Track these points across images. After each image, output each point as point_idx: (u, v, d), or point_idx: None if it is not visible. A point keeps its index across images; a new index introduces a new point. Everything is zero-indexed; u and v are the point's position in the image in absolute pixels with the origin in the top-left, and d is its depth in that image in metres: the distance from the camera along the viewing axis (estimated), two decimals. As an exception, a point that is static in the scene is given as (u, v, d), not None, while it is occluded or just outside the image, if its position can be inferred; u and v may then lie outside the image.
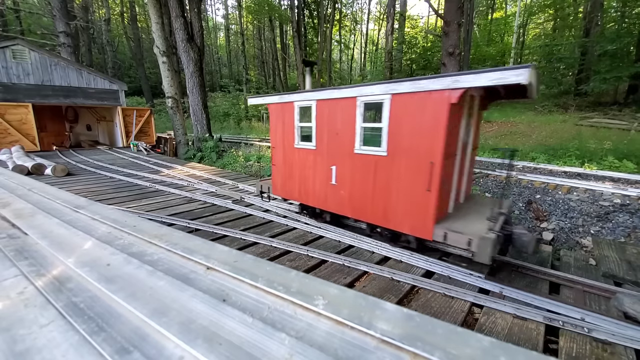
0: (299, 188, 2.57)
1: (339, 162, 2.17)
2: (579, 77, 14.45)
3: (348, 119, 2.05)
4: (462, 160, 2.03)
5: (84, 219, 1.08)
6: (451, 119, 1.65)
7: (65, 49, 11.75)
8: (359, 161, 2.03)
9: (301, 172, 2.52)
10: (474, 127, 2.06)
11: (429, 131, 1.67)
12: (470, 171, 2.22)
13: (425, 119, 1.68)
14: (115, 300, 0.60)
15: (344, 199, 2.21)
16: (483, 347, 0.41)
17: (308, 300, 0.55)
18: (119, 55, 26.82)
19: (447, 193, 1.92)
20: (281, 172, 2.72)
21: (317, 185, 2.38)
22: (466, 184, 2.17)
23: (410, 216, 1.82)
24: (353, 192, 2.14)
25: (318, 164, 2.33)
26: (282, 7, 28.68)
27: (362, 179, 2.04)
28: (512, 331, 1.34)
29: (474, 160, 2.27)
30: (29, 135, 8.69)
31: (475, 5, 19.13)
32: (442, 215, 1.85)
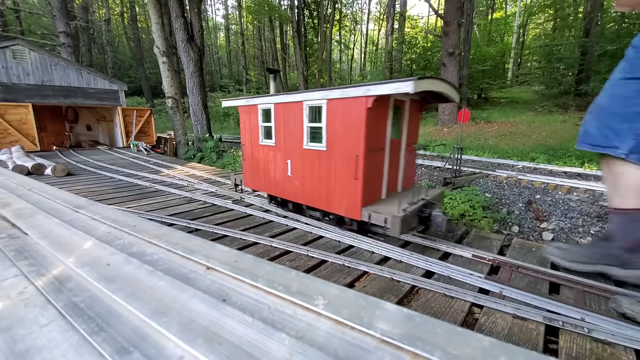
0: (264, 180, 2.96)
1: (293, 156, 2.56)
2: (579, 77, 14.44)
3: (298, 120, 2.42)
4: (395, 155, 2.39)
5: (84, 219, 1.08)
6: (371, 120, 2.00)
7: (65, 49, 11.76)
8: (307, 155, 2.42)
9: (265, 166, 2.91)
10: (407, 126, 2.42)
11: (353, 130, 2.05)
12: (408, 164, 2.57)
13: (350, 120, 2.05)
14: (115, 300, 0.60)
15: (297, 188, 2.61)
16: (483, 347, 0.41)
17: (308, 300, 0.55)
18: (119, 55, 26.83)
19: (377, 181, 2.28)
20: (250, 166, 3.12)
21: (277, 177, 2.79)
22: (404, 175, 2.52)
23: (344, 200, 2.22)
24: (304, 182, 2.53)
25: (277, 158, 2.73)
26: (282, 7, 28.68)
27: (310, 170, 2.44)
28: (512, 331, 1.34)
29: (413, 155, 2.62)
30: (29, 135, 8.69)
31: (475, 5, 19.14)
32: (372, 200, 2.23)
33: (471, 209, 4.11)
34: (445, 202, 4.31)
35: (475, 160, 6.59)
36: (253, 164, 3.06)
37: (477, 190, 4.51)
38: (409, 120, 2.43)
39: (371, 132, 2.05)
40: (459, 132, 9.15)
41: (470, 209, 4.10)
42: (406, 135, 2.45)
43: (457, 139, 8.09)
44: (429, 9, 28.21)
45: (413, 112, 2.48)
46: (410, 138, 2.49)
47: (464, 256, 2.06)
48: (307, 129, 2.38)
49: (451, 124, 12.00)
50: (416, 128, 2.55)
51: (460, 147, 5.10)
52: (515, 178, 5.01)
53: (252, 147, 3.00)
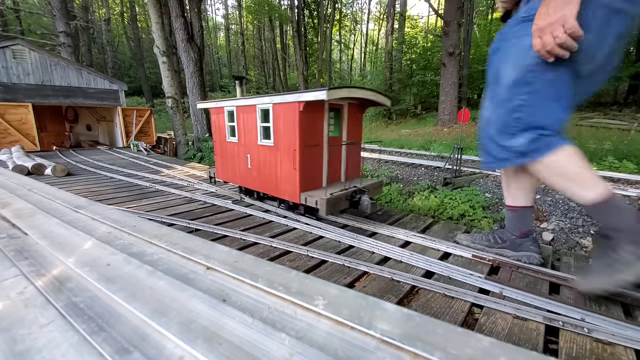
0: (232, 172, 3.37)
1: (251, 151, 2.98)
2: (579, 77, 14.39)
3: (253, 120, 2.83)
4: (336, 151, 2.82)
5: (84, 219, 1.08)
6: (305, 121, 2.41)
7: (65, 48, 11.76)
8: (261, 150, 2.85)
9: (231, 160, 3.31)
10: (347, 126, 2.85)
11: (291, 129, 2.45)
12: (351, 159, 2.99)
13: (288, 120, 2.46)
14: (115, 300, 0.60)
15: (256, 178, 3.04)
16: (483, 347, 0.41)
17: (308, 300, 0.55)
18: (119, 55, 26.82)
19: (316, 171, 2.68)
20: (220, 160, 3.52)
21: (241, 169, 3.20)
22: (347, 167, 2.96)
23: (288, 187, 2.64)
24: (260, 173, 2.95)
25: (240, 153, 3.15)
26: (282, 7, 28.67)
27: (263, 162, 2.87)
28: (512, 331, 1.34)
29: (356, 151, 3.04)
30: (29, 135, 8.69)
31: (475, 5, 19.12)
32: (312, 187, 2.63)
33: (471, 209, 4.11)
34: (446, 202, 4.31)
35: (475, 160, 6.59)
36: (222, 159, 3.49)
37: (477, 190, 4.51)
38: (349, 121, 2.86)
39: (306, 131, 2.46)
40: (459, 132, 9.14)
41: (470, 209, 4.10)
42: (346, 133, 2.88)
43: (457, 139, 8.09)
44: (429, 9, 28.20)
45: (352, 113, 2.89)
46: (352, 136, 2.93)
47: (464, 256, 2.06)
48: (260, 127, 2.79)
49: (451, 124, 11.99)
50: (357, 127, 2.97)
51: (460, 147, 5.10)
52: (515, 178, 5.01)
53: (221, 143, 3.42)
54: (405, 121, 16.38)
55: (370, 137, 10.98)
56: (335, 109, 2.71)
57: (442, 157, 7.07)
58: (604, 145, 6.92)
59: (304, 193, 2.53)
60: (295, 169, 2.49)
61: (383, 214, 3.05)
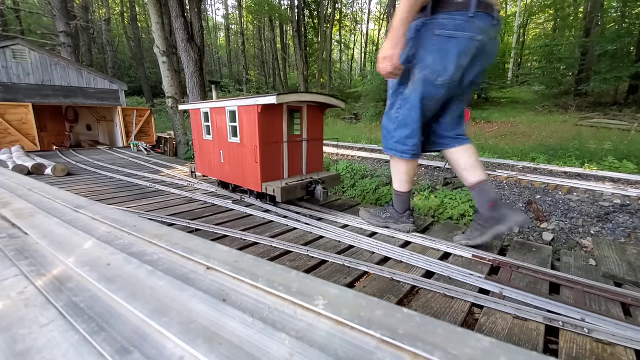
0: (208, 167, 3.77)
1: (223, 147, 3.35)
2: (579, 77, 14.42)
3: (223, 120, 3.18)
4: (296, 147, 3.16)
5: (84, 219, 1.08)
6: (264, 121, 2.77)
7: (65, 48, 11.75)
8: (231, 146, 3.21)
9: (208, 156, 3.70)
10: (307, 125, 3.18)
11: (252, 128, 2.82)
12: (312, 154, 3.34)
13: (250, 121, 2.82)
14: (115, 300, 0.60)
15: (227, 172, 3.41)
16: (483, 347, 0.41)
17: (308, 300, 0.55)
18: (119, 55, 26.81)
19: (277, 165, 3.02)
20: (199, 156, 3.92)
21: (216, 164, 3.58)
22: (308, 161, 3.32)
23: (252, 178, 3.02)
24: (230, 166, 3.32)
25: (215, 149, 3.51)
26: (282, 7, 28.66)
27: (233, 157, 3.24)
28: (512, 331, 1.34)
29: (317, 147, 3.41)
30: (29, 135, 8.68)
31: (475, 5, 19.08)
32: (272, 178, 2.98)
33: (471, 209, 4.11)
34: (445, 202, 4.31)
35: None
36: (200, 155, 3.88)
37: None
38: (308, 121, 3.19)
39: (265, 130, 2.81)
40: (459, 132, 9.13)
41: (470, 208, 4.10)
42: (307, 132, 3.22)
43: (457, 139, 8.07)
44: (429, 9, 28.11)
45: (312, 114, 3.22)
46: (312, 134, 3.27)
47: (464, 256, 2.06)
48: (229, 127, 3.13)
49: (451, 123, 11.98)
50: (317, 126, 3.32)
51: None
52: (515, 178, 5.01)
53: (199, 141, 3.81)
54: (405, 121, 16.37)
55: (370, 138, 10.97)
56: (295, 110, 3.07)
57: (442, 157, 7.07)
58: (604, 145, 6.93)
59: (264, 183, 2.91)
60: (257, 162, 2.88)
61: (383, 214, 3.05)
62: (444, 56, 1.68)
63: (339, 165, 6.40)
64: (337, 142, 9.16)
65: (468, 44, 1.63)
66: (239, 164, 3.16)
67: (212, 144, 3.55)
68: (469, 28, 1.60)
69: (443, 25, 1.62)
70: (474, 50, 1.66)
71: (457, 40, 1.63)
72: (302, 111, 3.11)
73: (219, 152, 3.42)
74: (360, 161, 7.29)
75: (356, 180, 5.68)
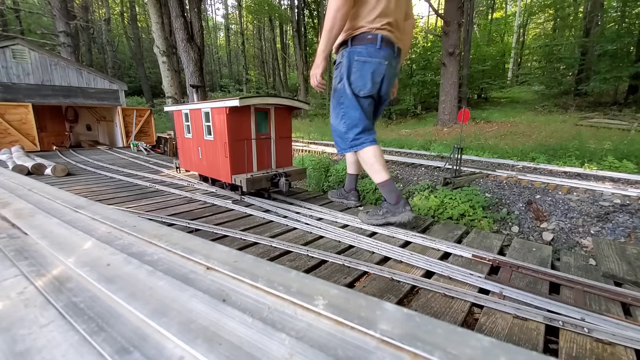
0: (190, 162, 4.22)
1: (200, 145, 3.73)
2: (579, 77, 14.43)
3: (200, 120, 3.55)
4: (264, 144, 3.52)
5: (84, 219, 1.08)
6: (232, 121, 3.13)
7: (65, 48, 11.75)
8: (206, 144, 3.59)
9: (189, 152, 4.13)
10: (274, 125, 3.56)
11: (223, 127, 3.18)
12: (281, 150, 3.71)
13: (221, 121, 3.19)
14: (115, 300, 0.60)
15: (205, 166, 3.81)
16: (483, 347, 0.41)
17: (308, 300, 0.55)
18: (119, 55, 26.80)
19: (246, 159, 3.36)
20: (182, 153, 4.38)
21: (195, 160, 4.01)
22: (277, 157, 3.69)
23: (223, 171, 3.38)
24: (207, 161, 3.70)
25: (194, 146, 3.91)
26: (282, 7, 28.65)
27: (209, 153, 3.61)
28: (512, 331, 1.34)
29: (286, 144, 3.78)
30: (29, 135, 8.68)
31: (475, 5, 19.11)
32: (241, 171, 3.35)
33: (471, 209, 4.11)
34: (445, 202, 4.31)
35: (475, 160, 6.59)
36: (183, 151, 4.32)
37: (477, 190, 4.51)
38: (276, 121, 3.56)
39: (233, 128, 3.17)
40: (459, 132, 9.14)
41: (470, 209, 4.10)
42: (274, 131, 3.58)
43: (457, 139, 8.09)
44: (429, 9, 28.15)
45: (279, 115, 3.58)
46: (280, 133, 3.64)
47: (464, 256, 2.06)
48: (204, 126, 3.50)
49: (451, 124, 12.00)
50: (285, 126, 3.69)
51: (460, 147, 5.10)
52: (515, 178, 5.01)
53: (181, 139, 4.25)
54: (405, 121, 16.39)
55: (370, 137, 10.95)
56: (263, 112, 3.43)
57: (442, 157, 7.07)
58: (604, 145, 6.93)
59: (234, 175, 3.28)
60: (227, 157, 3.24)
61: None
62: (363, 75, 2.26)
63: (339, 165, 6.40)
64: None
65: (378, 66, 2.23)
66: (214, 159, 3.52)
67: (192, 142, 3.95)
68: (378, 55, 2.21)
69: (360, 53, 2.22)
70: (382, 71, 2.26)
71: (370, 64, 2.23)
72: (270, 112, 3.49)
73: (198, 149, 3.82)
74: (360, 161, 7.28)
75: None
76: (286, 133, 3.72)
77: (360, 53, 2.22)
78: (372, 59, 2.21)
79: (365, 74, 2.25)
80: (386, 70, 2.26)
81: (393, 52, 2.29)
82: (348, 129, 2.45)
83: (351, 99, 2.35)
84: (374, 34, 2.17)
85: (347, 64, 2.28)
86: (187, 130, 3.97)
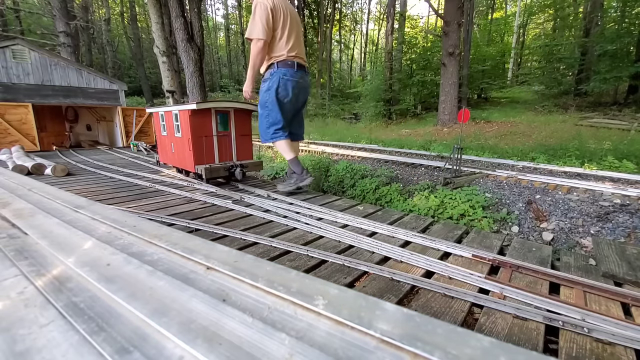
0: (166, 156, 4.97)
1: (173, 141, 4.44)
2: (579, 77, 14.43)
3: (172, 121, 4.22)
4: (225, 140, 4.17)
5: (84, 219, 1.08)
6: (195, 121, 3.77)
7: (65, 48, 11.75)
8: (177, 140, 4.26)
9: (164, 148, 4.92)
10: (235, 124, 4.23)
11: (186, 126, 3.83)
12: (241, 146, 4.37)
13: (185, 121, 3.83)
14: (115, 300, 0.60)
15: (176, 159, 4.51)
16: (483, 347, 0.41)
17: (308, 300, 0.55)
18: (119, 55, 26.80)
19: (207, 153, 3.99)
20: (160, 148, 5.23)
21: (169, 154, 4.73)
22: (237, 152, 4.33)
23: (189, 162, 4.02)
24: (178, 154, 4.41)
25: (168, 142, 4.62)
26: (282, 7, 28.52)
27: (178, 148, 4.28)
28: (512, 331, 1.34)
29: (246, 141, 4.45)
30: (29, 135, 8.68)
31: (475, 5, 19.11)
32: (204, 162, 3.95)
33: (471, 209, 4.11)
34: (445, 202, 4.31)
35: (475, 160, 6.59)
36: (161, 147, 5.13)
37: (477, 190, 4.51)
38: (236, 121, 4.22)
39: (196, 127, 3.81)
40: (459, 132, 9.14)
41: (470, 209, 4.11)
42: (235, 129, 4.24)
43: (457, 139, 8.09)
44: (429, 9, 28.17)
45: (239, 116, 4.25)
46: (240, 131, 4.30)
47: (464, 256, 2.06)
48: (175, 125, 4.14)
49: (451, 124, 11.99)
50: (245, 125, 4.36)
51: (460, 147, 5.10)
52: (515, 178, 5.01)
53: (159, 136, 5.02)
54: (405, 121, 16.38)
55: (370, 137, 10.96)
56: (224, 113, 4.06)
57: (442, 157, 7.07)
58: (603, 145, 6.93)
59: (197, 165, 3.90)
60: (190, 150, 3.88)
61: (383, 214, 3.05)
62: (286, 88, 3.18)
63: (339, 165, 6.40)
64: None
65: (296, 83, 3.22)
66: (182, 152, 4.17)
67: (166, 139, 4.66)
68: (295, 75, 3.20)
69: (285, 73, 3.15)
70: (299, 86, 3.26)
71: (291, 81, 3.18)
72: (230, 114, 4.15)
73: (171, 144, 4.52)
74: (360, 161, 7.28)
75: (356, 181, 5.68)
76: (246, 131, 4.40)
77: (285, 73, 3.15)
78: (292, 78, 3.18)
79: (288, 87, 3.19)
80: (300, 85, 3.26)
81: (304, 72, 3.30)
82: (270, 125, 3.32)
83: (275, 104, 3.22)
84: (292, 60, 3.15)
85: (276, 80, 3.15)
86: (163, 129, 4.67)
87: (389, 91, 17.63)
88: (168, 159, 4.92)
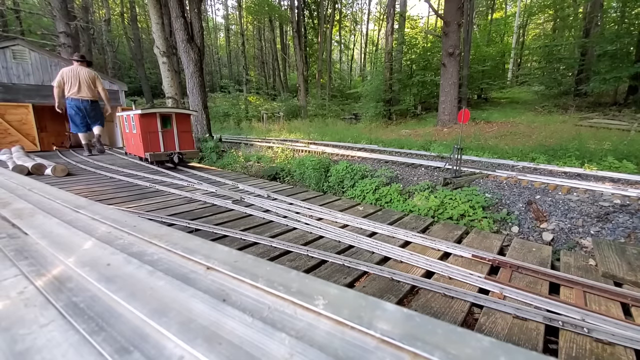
0: (130, 147, 6.75)
1: (133, 136, 6.07)
2: (579, 78, 14.43)
3: (131, 122, 5.83)
4: (168, 134, 5.96)
5: (84, 219, 1.08)
6: (143, 122, 5.64)
7: (66, 49, 11.75)
8: (134, 135, 5.73)
9: (129, 141, 6.89)
10: (176, 124, 6.05)
11: (137, 125, 5.62)
12: (183, 139, 6.18)
13: (136, 121, 5.58)
14: (115, 300, 0.60)
15: (136, 149, 6.10)
16: (483, 347, 0.41)
17: (308, 300, 0.55)
18: (119, 56, 26.81)
19: (153, 144, 5.78)
20: (127, 142, 7.11)
21: (132, 146, 6.46)
22: (180, 143, 6.12)
23: (141, 150, 5.70)
24: (136, 146, 5.91)
25: (130, 137, 6.40)
26: (282, 7, 28.66)
27: (136, 141, 5.77)
28: (512, 331, 1.34)
29: (186, 136, 6.27)
30: (29, 135, 8.69)
31: (475, 5, 19.13)
32: (151, 150, 5.74)
33: (471, 209, 4.11)
34: (445, 202, 4.31)
35: (475, 161, 6.59)
36: (127, 140, 7.27)
37: (477, 191, 4.51)
38: (177, 121, 6.03)
39: (144, 126, 5.60)
40: (459, 133, 9.14)
41: (470, 209, 4.10)
42: (176, 127, 6.03)
43: (457, 139, 8.09)
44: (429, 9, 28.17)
45: (180, 117, 6.14)
46: (181, 128, 6.10)
47: (464, 256, 2.06)
48: (132, 124, 5.84)
49: (451, 124, 12.00)
50: (185, 124, 6.28)
51: (460, 148, 5.09)
52: (515, 178, 5.01)
53: (124, 132, 7.09)
54: (405, 121, 16.39)
55: (370, 138, 10.97)
56: (167, 116, 5.88)
57: (442, 158, 7.07)
58: (603, 145, 6.93)
59: (146, 152, 5.64)
60: (141, 142, 5.64)
61: (383, 214, 3.05)
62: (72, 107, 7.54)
63: (339, 165, 6.40)
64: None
65: (76, 105, 7.52)
66: (137, 144, 5.93)
67: (130, 135, 6.55)
68: (76, 102, 7.51)
69: (70, 99, 7.46)
70: (78, 107, 7.54)
71: (74, 102, 7.49)
72: (172, 117, 5.97)
73: (131, 139, 6.43)
74: (360, 161, 7.28)
75: (356, 181, 5.68)
76: (187, 129, 6.30)
77: (70, 99, 7.38)
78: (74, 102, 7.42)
79: (73, 107, 7.48)
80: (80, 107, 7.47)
81: (80, 102, 7.44)
82: (74, 126, 7.84)
83: (72, 116, 7.61)
84: (71, 97, 7.36)
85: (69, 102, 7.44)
86: (127, 127, 6.64)
87: (389, 91, 17.63)
88: (131, 149, 6.97)
